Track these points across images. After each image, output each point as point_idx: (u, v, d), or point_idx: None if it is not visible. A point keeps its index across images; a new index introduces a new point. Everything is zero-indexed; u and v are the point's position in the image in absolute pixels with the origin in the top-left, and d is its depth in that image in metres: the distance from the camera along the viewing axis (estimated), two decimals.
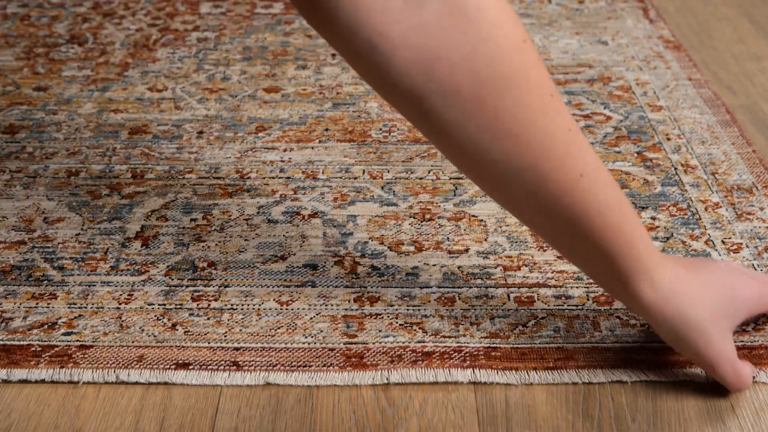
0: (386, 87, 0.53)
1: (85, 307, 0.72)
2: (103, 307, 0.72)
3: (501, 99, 0.52)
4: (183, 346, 0.68)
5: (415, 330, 0.69)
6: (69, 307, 0.72)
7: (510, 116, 0.52)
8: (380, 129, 0.95)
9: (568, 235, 0.58)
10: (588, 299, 0.72)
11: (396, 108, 0.55)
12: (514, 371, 0.65)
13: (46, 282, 0.74)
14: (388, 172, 0.88)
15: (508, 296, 0.73)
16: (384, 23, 0.50)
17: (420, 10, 0.50)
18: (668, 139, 0.93)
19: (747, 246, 0.78)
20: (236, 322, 0.70)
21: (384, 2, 0.49)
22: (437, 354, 0.67)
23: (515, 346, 0.68)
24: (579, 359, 0.66)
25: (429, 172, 0.88)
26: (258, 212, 0.82)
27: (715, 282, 0.62)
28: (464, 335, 0.68)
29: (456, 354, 0.67)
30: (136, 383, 0.65)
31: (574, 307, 0.71)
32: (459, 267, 0.76)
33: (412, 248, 0.78)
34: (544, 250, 0.77)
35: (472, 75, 0.51)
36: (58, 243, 0.78)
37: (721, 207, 0.83)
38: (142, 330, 0.69)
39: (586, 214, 0.56)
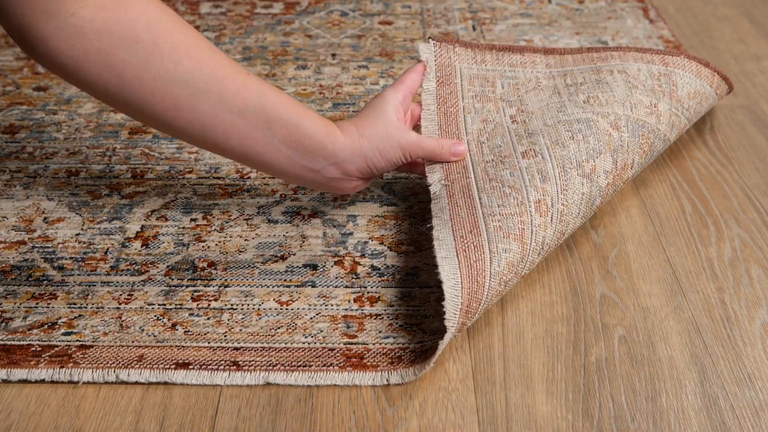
0: (81, 56, 0.65)
1: (85, 307, 0.72)
2: (103, 307, 0.72)
3: (171, 36, 0.66)
4: (183, 346, 0.68)
5: (414, 331, 0.69)
6: (69, 307, 0.72)
7: (186, 46, 0.67)
8: None
9: (265, 126, 0.70)
10: None
11: (91, 77, 0.66)
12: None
13: (46, 282, 0.74)
14: (388, 172, 0.88)
15: None
16: (77, 7, 0.63)
17: None
18: None
19: None
20: (236, 322, 0.70)
21: None
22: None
23: None
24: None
25: None
26: (258, 212, 0.82)
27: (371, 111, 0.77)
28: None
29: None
30: (136, 383, 0.65)
31: None
32: None
33: (412, 248, 0.78)
34: None
35: (147, 25, 0.66)
36: (58, 243, 0.78)
37: None
38: (142, 330, 0.69)
39: (265, 96, 0.70)
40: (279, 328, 0.70)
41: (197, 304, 0.72)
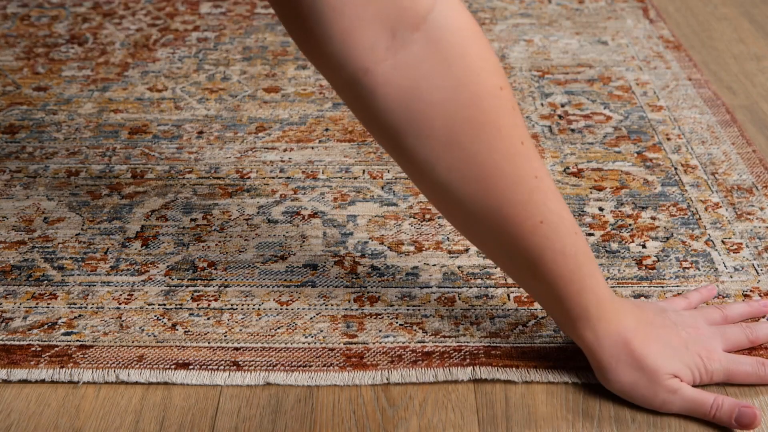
0: (368, 118, 0.55)
1: (85, 307, 0.72)
2: (103, 307, 0.72)
3: (471, 143, 0.54)
4: (183, 346, 0.68)
5: (415, 330, 0.69)
6: (69, 307, 0.72)
7: (479, 160, 0.54)
8: None
9: (525, 275, 0.61)
10: None
11: (375, 137, 0.57)
12: (514, 369, 0.65)
13: (46, 282, 0.74)
14: (388, 172, 0.88)
15: (508, 296, 0.73)
16: (370, 61, 0.51)
17: (405, 50, 0.51)
18: (668, 139, 0.93)
19: (747, 246, 0.78)
20: (236, 322, 0.70)
21: (372, 41, 0.51)
22: (437, 354, 0.67)
23: (515, 345, 0.68)
24: (579, 359, 0.66)
25: None
26: (258, 212, 0.82)
27: (665, 332, 0.63)
28: (464, 335, 0.69)
29: (456, 353, 0.67)
30: (136, 383, 0.65)
31: None
32: (459, 267, 0.76)
33: (412, 248, 0.78)
34: None
35: (447, 118, 0.53)
36: (58, 243, 0.78)
37: (721, 207, 0.83)
38: (142, 330, 0.69)
39: (541, 258, 0.58)
40: (279, 328, 0.70)
41: (197, 304, 0.72)
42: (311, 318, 0.71)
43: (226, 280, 0.74)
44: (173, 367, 0.66)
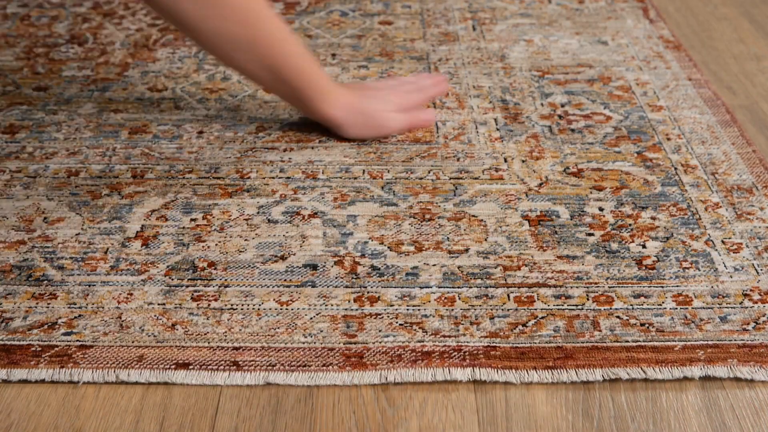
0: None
1: (85, 307, 0.72)
2: (103, 307, 0.72)
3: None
4: (183, 346, 0.68)
5: (414, 330, 0.69)
6: (69, 307, 0.72)
7: (235, 5, 0.79)
8: None
9: (273, 77, 0.85)
10: (588, 299, 0.72)
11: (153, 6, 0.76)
12: (513, 370, 0.66)
13: (46, 282, 0.74)
14: (388, 172, 0.88)
15: (508, 296, 0.73)
16: None
17: None
18: (668, 139, 0.93)
19: (747, 246, 0.78)
20: (236, 322, 0.70)
21: None
22: (437, 353, 0.67)
23: (515, 345, 0.68)
24: (578, 358, 0.67)
25: (429, 172, 0.88)
26: (258, 212, 0.82)
27: (374, 93, 0.94)
28: (464, 335, 0.69)
29: (456, 353, 0.67)
30: (136, 383, 0.65)
31: (573, 307, 0.71)
32: (459, 267, 0.76)
33: (412, 248, 0.78)
34: (544, 250, 0.77)
35: None
36: (58, 243, 0.78)
37: (721, 207, 0.83)
38: (142, 330, 0.69)
39: (286, 63, 0.84)
40: (279, 328, 0.70)
41: (197, 304, 0.72)
42: (311, 318, 0.71)
43: (226, 280, 0.74)
44: (173, 367, 0.66)
